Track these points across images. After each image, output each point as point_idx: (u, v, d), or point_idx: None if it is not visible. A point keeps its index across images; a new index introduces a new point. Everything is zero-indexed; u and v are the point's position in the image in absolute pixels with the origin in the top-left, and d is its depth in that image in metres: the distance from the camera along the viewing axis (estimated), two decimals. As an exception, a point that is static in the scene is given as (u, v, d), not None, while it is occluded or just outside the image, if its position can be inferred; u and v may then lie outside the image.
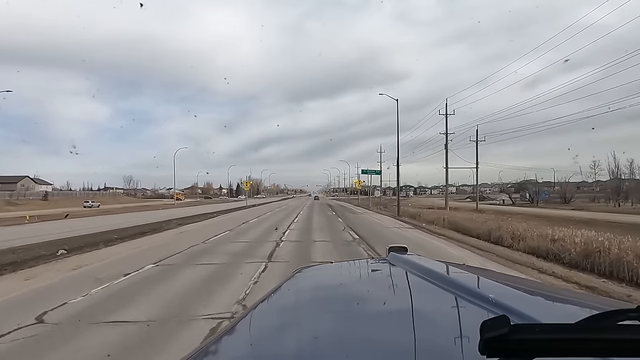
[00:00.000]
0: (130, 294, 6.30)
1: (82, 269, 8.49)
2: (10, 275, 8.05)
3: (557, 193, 60.88)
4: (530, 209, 43.96)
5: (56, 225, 21.13)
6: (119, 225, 19.17)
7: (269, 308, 1.27)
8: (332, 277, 1.70)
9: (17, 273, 8.25)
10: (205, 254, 10.54)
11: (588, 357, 0.51)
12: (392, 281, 1.43)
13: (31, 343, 4.25)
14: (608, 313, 0.62)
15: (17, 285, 7.13)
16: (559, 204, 52.35)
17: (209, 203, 71.17)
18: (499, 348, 0.50)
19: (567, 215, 28.23)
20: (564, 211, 37.17)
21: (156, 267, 8.65)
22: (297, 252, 10.88)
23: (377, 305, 1.15)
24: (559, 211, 37.18)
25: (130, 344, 4.18)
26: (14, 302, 5.98)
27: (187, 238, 14.21)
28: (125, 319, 5.02)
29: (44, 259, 9.78)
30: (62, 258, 10.03)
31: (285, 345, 0.89)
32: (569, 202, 54.58)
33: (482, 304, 0.91)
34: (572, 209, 41.49)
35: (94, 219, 26.53)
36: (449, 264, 1.63)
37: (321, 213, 32.74)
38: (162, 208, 45.06)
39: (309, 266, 1.86)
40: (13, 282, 7.39)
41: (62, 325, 4.80)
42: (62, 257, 10.09)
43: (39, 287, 6.95)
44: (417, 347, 0.79)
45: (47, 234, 14.87)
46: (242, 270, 8.11)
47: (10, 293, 6.47)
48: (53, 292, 6.45)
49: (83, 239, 13.55)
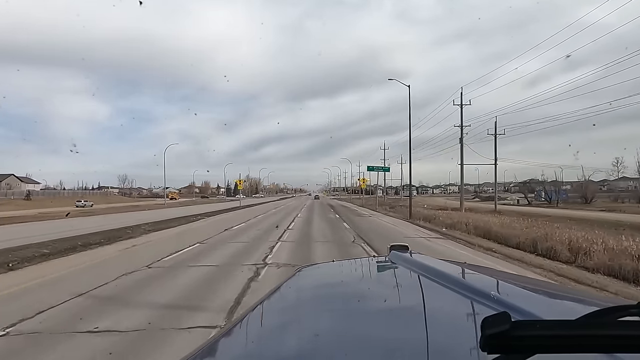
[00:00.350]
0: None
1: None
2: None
3: (576, 192, 56.31)
4: (551, 209, 40.12)
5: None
6: (62, 233, 14.63)
7: (271, 307, 1.25)
8: (333, 275, 1.71)
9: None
10: (133, 293, 6.31)
11: (589, 353, 0.51)
12: (394, 280, 1.42)
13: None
14: (609, 309, 0.62)
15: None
16: (580, 204, 48.13)
17: (203, 203, 66.01)
18: (500, 344, 0.50)
19: (603, 217, 24.19)
20: (592, 212, 33.31)
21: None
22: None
23: (378, 304, 1.14)
24: (586, 212, 33.23)
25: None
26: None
27: (131, 258, 9.91)
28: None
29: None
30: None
31: (287, 343, 0.89)
32: (590, 202, 50.30)
33: (483, 301, 0.91)
34: (601, 210, 37.47)
35: (45, 224, 21.81)
36: (450, 262, 1.59)
37: (322, 216, 28.05)
38: (150, 208, 41.33)
39: (311, 265, 1.87)
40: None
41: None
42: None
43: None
44: (418, 345, 0.79)
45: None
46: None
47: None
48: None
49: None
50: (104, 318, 5.02)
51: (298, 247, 11.85)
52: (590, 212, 34.31)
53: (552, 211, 35.18)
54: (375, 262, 1.81)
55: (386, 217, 28.15)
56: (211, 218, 25.62)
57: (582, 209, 39.60)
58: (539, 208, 43.31)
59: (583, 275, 8.40)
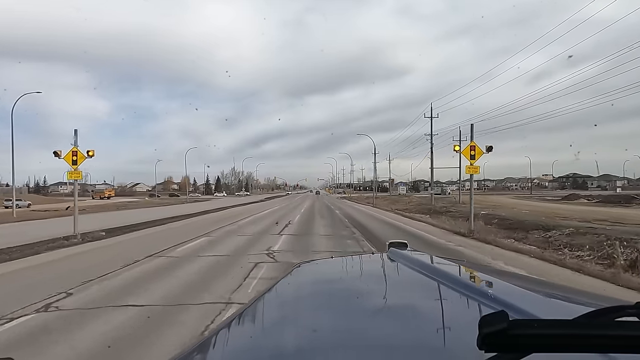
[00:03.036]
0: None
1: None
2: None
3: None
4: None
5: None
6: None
7: (268, 302, 1.24)
8: (331, 272, 1.69)
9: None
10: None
11: (586, 353, 0.50)
12: (392, 276, 1.42)
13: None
14: (607, 309, 0.61)
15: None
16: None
17: (158, 205, 45.65)
18: (497, 343, 0.49)
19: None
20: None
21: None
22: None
23: (376, 300, 1.13)
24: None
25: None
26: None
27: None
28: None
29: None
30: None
31: (284, 338, 0.88)
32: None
33: (481, 299, 0.90)
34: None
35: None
36: (448, 259, 1.65)
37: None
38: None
39: (309, 261, 1.85)
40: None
41: None
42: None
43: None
44: (415, 342, 0.79)
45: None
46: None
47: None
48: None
49: None
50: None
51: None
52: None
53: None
54: (374, 259, 1.83)
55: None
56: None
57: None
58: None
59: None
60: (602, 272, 7.70)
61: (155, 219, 21.46)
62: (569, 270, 8.05)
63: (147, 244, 12.10)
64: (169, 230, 16.78)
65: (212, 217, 24.69)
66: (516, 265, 8.34)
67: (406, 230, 16.38)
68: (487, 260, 8.89)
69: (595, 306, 0.76)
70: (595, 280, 7.21)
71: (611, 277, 7.17)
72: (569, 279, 7.22)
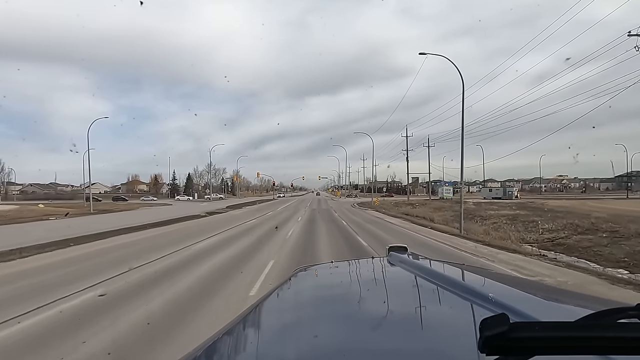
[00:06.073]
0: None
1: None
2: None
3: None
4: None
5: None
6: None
7: (269, 308, 1.24)
8: (332, 276, 1.68)
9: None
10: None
11: (588, 355, 0.50)
12: (392, 280, 1.41)
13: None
14: (608, 311, 0.61)
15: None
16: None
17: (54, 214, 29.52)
18: (498, 346, 0.49)
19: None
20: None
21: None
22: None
23: (376, 305, 1.12)
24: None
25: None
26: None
27: None
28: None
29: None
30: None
31: (285, 344, 0.88)
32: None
33: (482, 302, 0.90)
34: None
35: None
36: (448, 263, 1.62)
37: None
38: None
39: (309, 266, 1.83)
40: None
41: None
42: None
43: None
44: (416, 346, 0.79)
45: None
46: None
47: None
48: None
49: None
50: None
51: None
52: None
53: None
54: (374, 263, 1.81)
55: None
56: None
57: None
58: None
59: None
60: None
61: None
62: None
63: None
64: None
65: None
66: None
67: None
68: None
69: (596, 309, 0.73)
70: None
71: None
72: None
